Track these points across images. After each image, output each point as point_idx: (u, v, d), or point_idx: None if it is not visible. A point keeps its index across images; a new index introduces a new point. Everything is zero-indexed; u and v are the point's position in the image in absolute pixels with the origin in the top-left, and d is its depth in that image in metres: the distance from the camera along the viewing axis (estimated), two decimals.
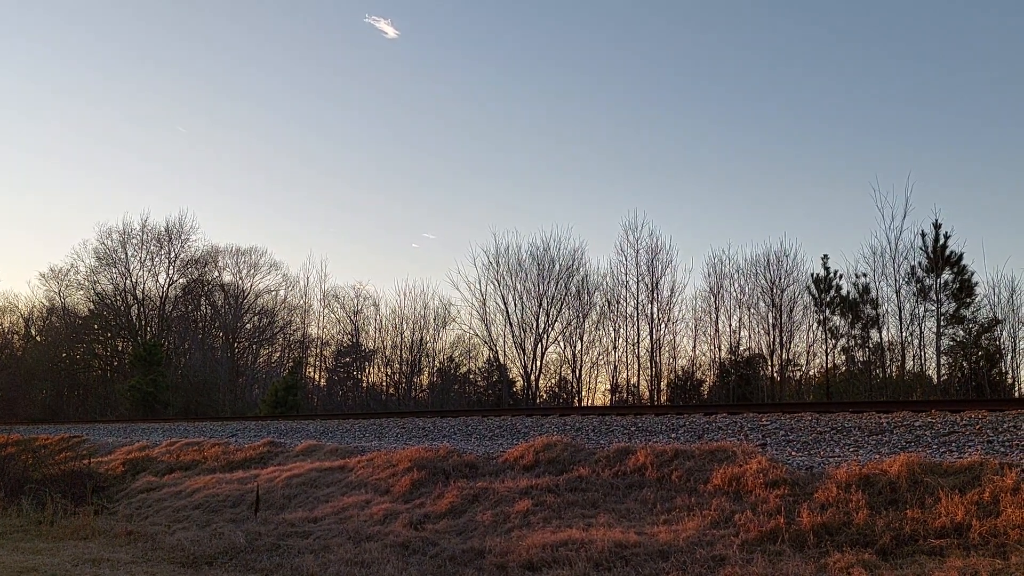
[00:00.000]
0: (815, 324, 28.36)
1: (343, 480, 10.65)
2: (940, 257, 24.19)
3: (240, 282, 48.79)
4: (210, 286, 48.72)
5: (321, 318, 45.80)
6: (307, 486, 10.76)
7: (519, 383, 36.00)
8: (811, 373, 29.74)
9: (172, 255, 48.35)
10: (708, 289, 31.04)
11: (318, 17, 76.78)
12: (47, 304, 52.14)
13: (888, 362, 26.57)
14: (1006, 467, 6.28)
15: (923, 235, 25.15)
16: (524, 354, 34.24)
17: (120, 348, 48.98)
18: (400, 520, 8.50)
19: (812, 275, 28.10)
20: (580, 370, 33.30)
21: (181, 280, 48.96)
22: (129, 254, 48.02)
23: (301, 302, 46.64)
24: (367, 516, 8.90)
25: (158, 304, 47.40)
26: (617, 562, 6.30)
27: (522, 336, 34.27)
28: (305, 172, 77.94)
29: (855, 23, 57.99)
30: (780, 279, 29.20)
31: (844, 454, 7.98)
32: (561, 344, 34.32)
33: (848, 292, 27.33)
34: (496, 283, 35.17)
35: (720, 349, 30.54)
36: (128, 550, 9.29)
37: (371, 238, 74.57)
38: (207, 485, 12.08)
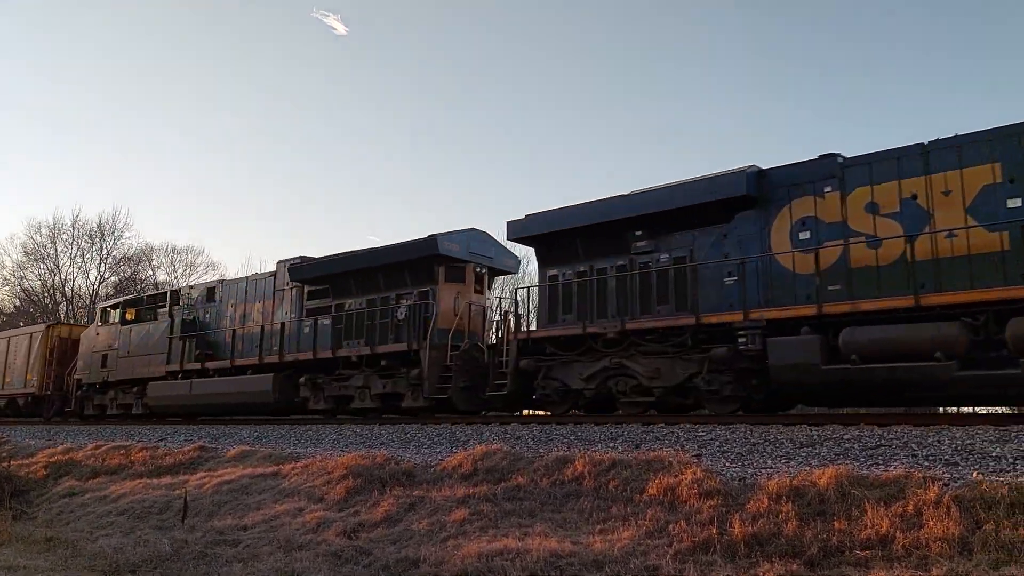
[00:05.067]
0: None
1: (276, 487, 10.41)
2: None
3: (175, 281, 47.61)
4: (143, 285, 47.41)
5: None
6: (238, 493, 10.48)
7: None
8: None
9: (104, 252, 46.94)
10: None
11: (263, 9, 75.56)
12: None
13: None
14: (929, 480, 6.47)
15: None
16: None
17: None
18: (333, 528, 8.34)
19: None
20: None
21: (113, 278, 47.59)
22: (59, 250, 46.45)
23: None
24: (299, 524, 8.71)
25: (88, 302, 45.90)
26: (552, 572, 6.28)
27: None
28: (247, 170, 76.54)
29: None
30: None
31: (776, 465, 8.13)
32: None
33: None
34: None
35: None
36: (47, 557, 8.92)
37: (318, 240, 73.62)
38: (133, 490, 11.68)
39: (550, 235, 14.32)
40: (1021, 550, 5.31)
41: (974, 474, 6.70)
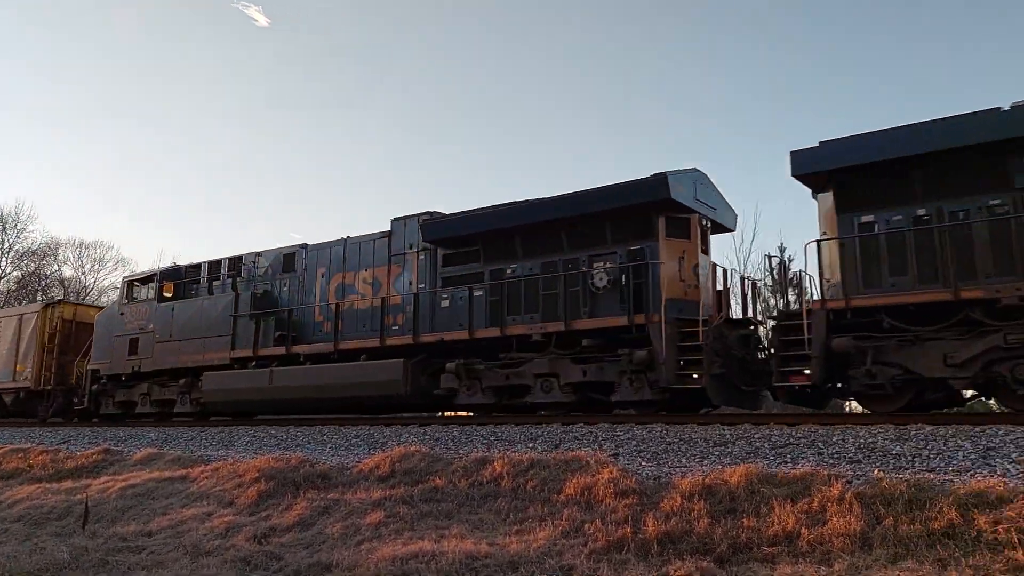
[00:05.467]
0: None
1: (184, 491, 10.04)
2: (784, 279, 25.84)
3: (82, 277, 45.62)
4: (48, 280, 45.24)
5: None
6: (143, 497, 10.06)
7: None
8: None
9: (6, 246, 44.60)
10: None
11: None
12: None
13: None
14: (833, 478, 6.69)
15: (769, 257, 26.76)
16: None
17: None
18: (243, 533, 8.07)
19: None
20: None
21: (15, 273, 45.22)
22: None
23: None
24: (207, 529, 8.41)
25: None
26: (467, 574, 6.23)
27: None
28: (164, 165, 74.01)
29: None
30: None
31: (690, 464, 8.28)
32: None
33: None
34: None
35: None
36: None
37: (236, 237, 71.68)
38: (31, 496, 11.08)
39: (863, 168, 10.71)
40: (918, 544, 5.53)
41: (875, 471, 6.95)
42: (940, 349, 9.78)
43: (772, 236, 56.54)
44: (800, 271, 12.00)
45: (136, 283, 19.74)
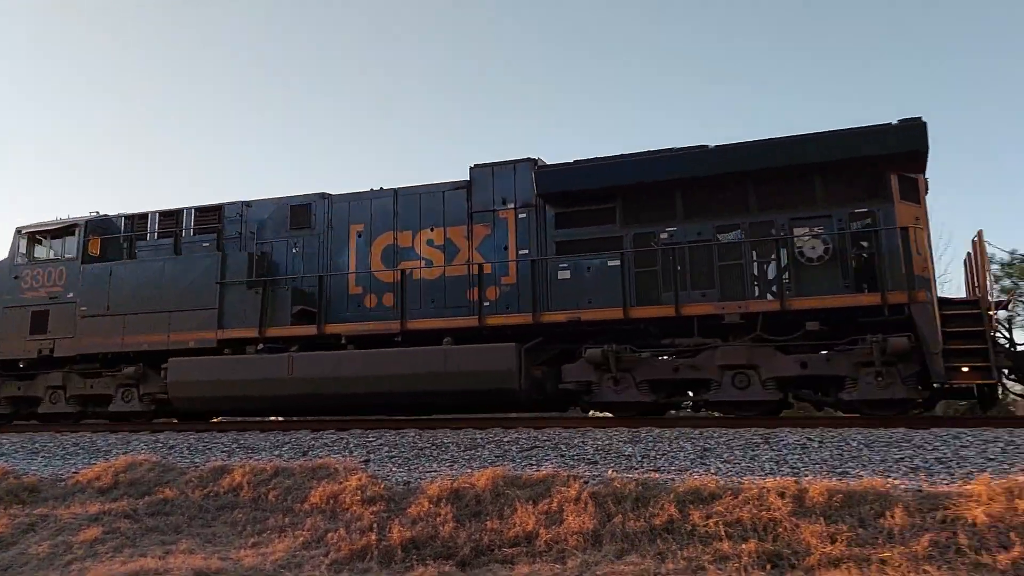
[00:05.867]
0: None
1: None
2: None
3: None
4: None
5: None
6: None
7: None
8: None
9: None
10: None
11: None
12: None
13: None
14: (571, 478, 7.03)
15: None
16: None
17: None
18: None
19: None
20: None
21: None
22: None
23: None
24: None
25: None
26: None
27: None
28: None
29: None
30: None
31: (440, 469, 8.32)
32: None
33: None
34: None
35: None
36: None
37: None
38: None
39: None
40: (642, 539, 5.95)
41: (609, 472, 7.41)
42: None
43: None
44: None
45: (41, 236, 14.64)
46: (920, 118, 9.90)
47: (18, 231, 14.64)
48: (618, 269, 10.83)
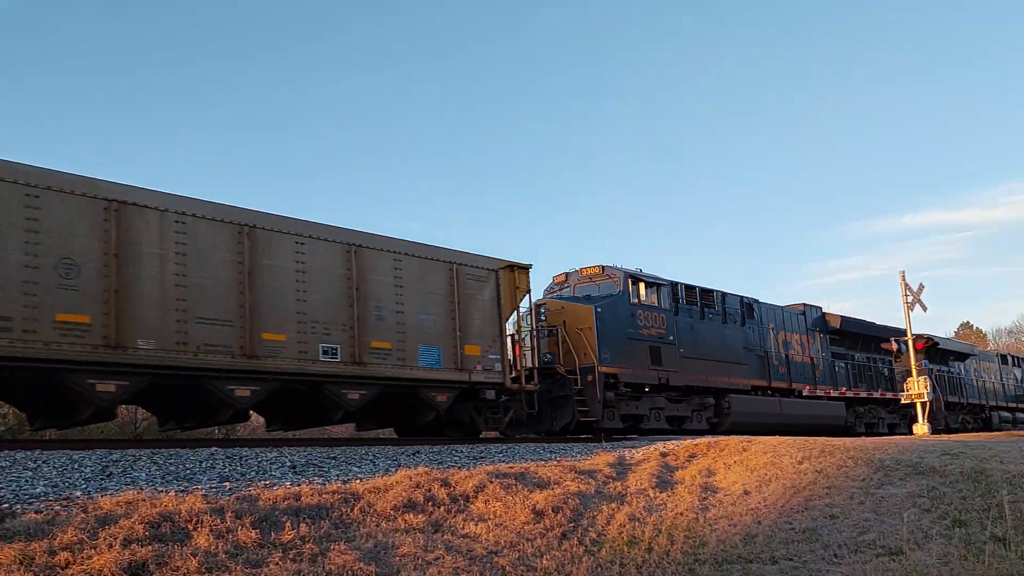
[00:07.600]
0: None
1: None
2: None
3: None
4: None
5: None
6: None
7: None
8: None
9: None
10: None
11: None
12: None
13: None
14: None
15: None
16: None
17: None
18: None
19: None
20: None
21: None
22: None
23: None
24: None
25: None
26: None
27: None
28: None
29: None
30: None
31: None
32: None
33: None
34: None
35: None
36: None
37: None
38: None
39: None
40: None
41: None
42: None
43: None
44: None
45: (643, 283, 17.17)
46: None
47: (624, 274, 17.04)
48: (845, 368, 24.42)
